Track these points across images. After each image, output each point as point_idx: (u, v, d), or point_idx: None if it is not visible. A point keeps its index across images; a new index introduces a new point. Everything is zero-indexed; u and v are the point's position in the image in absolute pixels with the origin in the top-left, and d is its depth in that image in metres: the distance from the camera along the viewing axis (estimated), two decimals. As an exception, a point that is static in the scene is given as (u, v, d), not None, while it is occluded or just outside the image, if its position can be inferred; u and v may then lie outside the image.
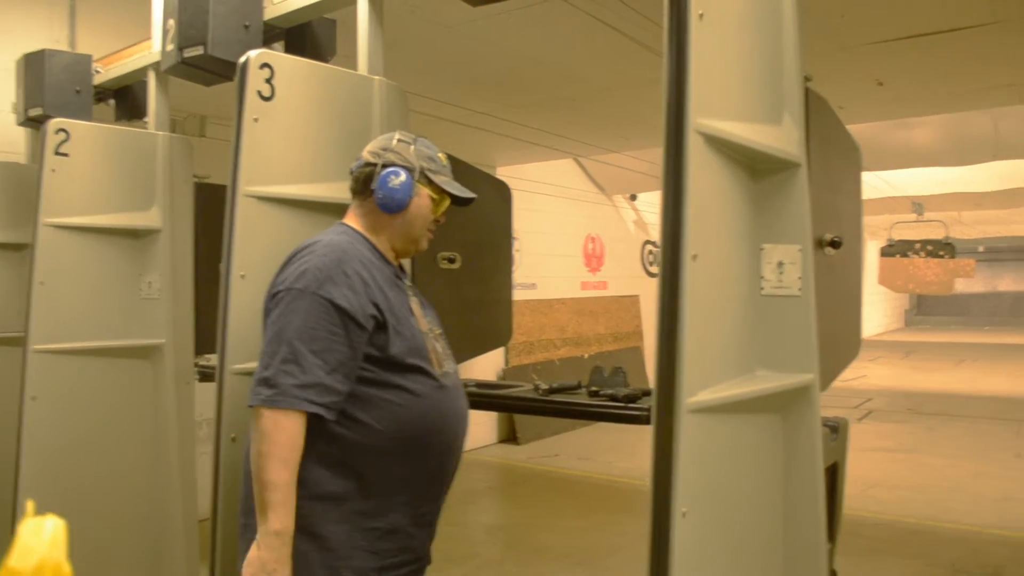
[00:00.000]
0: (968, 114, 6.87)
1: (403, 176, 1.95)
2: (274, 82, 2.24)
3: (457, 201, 2.07)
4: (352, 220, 2.02)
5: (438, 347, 2.00)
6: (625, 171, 8.96)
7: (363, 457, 1.84)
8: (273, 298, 1.84)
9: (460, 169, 2.61)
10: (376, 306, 1.84)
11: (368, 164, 1.98)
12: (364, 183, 1.98)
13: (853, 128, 2.49)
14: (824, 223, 2.01)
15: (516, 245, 8.17)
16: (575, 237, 9.65)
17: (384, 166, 1.96)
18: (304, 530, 1.80)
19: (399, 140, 2.00)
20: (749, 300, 1.71)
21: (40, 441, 3.02)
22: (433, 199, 2.02)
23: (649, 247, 11.05)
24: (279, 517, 1.73)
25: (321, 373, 1.75)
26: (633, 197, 10.70)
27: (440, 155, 2.06)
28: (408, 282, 2.08)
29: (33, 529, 0.65)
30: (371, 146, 2.02)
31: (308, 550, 1.81)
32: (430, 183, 2.01)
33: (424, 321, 2.00)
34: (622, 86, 4.82)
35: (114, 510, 3.18)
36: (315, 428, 1.80)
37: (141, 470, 3.24)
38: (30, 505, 0.67)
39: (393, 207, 1.95)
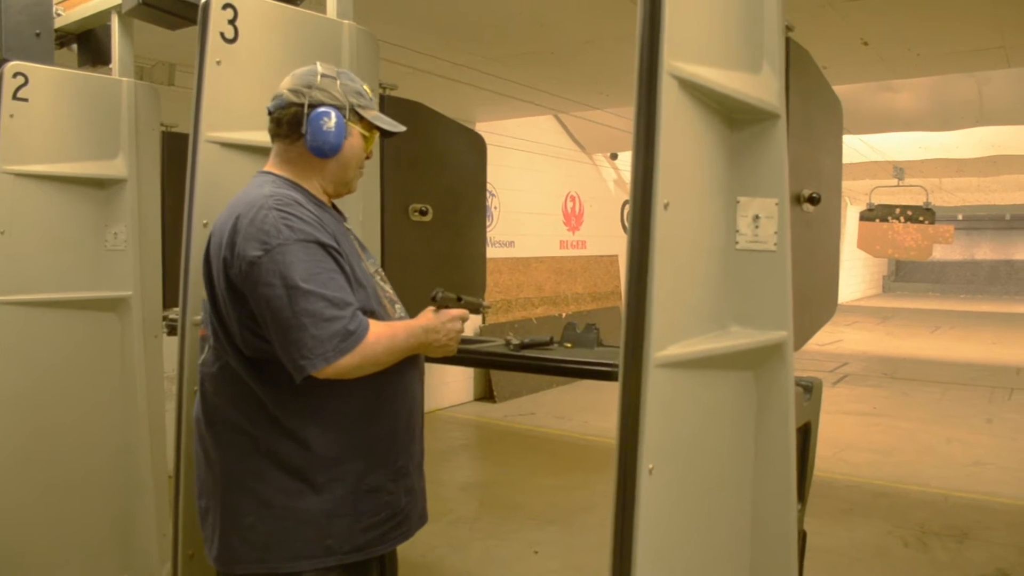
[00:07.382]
0: (952, 78, 6.79)
1: (335, 117, 1.81)
2: (237, 23, 2.16)
3: (385, 134, 1.96)
4: (276, 167, 1.88)
5: (387, 289, 1.93)
6: (606, 128, 8.86)
7: (332, 416, 1.77)
8: (249, 270, 1.67)
9: (431, 119, 2.54)
10: (340, 253, 1.76)
11: (292, 104, 1.82)
12: (291, 126, 1.83)
13: (836, 90, 2.43)
14: (803, 178, 1.96)
15: (494, 202, 8.08)
16: (554, 195, 9.57)
17: (312, 106, 1.81)
18: (278, 503, 1.76)
19: (323, 75, 1.85)
20: (723, 253, 1.67)
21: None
22: (364, 136, 1.90)
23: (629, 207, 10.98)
24: (411, 335, 1.81)
25: (347, 299, 1.70)
26: (614, 156, 10.61)
27: (365, 88, 1.93)
28: (348, 224, 1.98)
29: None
30: (290, 82, 1.85)
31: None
32: (361, 120, 1.89)
33: (369, 263, 1.93)
34: (602, 40, 4.72)
35: (79, 460, 3.13)
36: (275, 390, 1.74)
37: (108, 423, 3.19)
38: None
39: (328, 151, 1.82)
